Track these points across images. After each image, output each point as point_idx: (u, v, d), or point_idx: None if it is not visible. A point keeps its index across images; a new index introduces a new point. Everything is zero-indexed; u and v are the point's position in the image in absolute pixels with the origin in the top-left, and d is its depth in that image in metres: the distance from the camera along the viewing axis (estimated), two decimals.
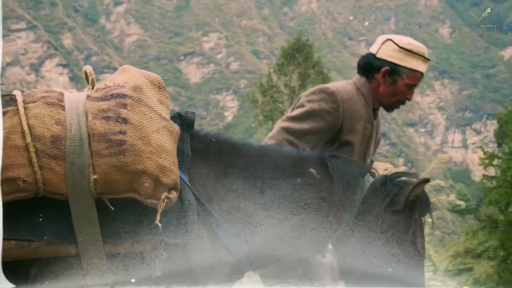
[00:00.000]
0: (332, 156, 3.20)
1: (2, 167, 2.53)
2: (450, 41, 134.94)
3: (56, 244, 2.70)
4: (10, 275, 2.55)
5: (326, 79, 33.52)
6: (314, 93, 3.82)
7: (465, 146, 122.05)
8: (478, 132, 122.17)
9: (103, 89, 2.83)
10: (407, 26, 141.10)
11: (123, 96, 2.78)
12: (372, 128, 3.93)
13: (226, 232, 2.93)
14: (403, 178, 3.13)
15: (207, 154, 3.01)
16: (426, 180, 3.11)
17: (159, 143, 2.73)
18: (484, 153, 32.25)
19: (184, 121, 3.00)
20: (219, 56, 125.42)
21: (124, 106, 2.75)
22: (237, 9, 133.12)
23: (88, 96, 2.80)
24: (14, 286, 2.58)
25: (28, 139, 2.65)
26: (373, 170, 3.26)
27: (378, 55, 3.91)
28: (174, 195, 2.74)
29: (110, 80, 2.92)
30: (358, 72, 3.99)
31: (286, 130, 3.72)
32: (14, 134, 2.66)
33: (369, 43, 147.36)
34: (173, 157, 2.76)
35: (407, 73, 3.83)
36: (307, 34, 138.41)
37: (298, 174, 3.11)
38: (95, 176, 2.67)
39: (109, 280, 2.79)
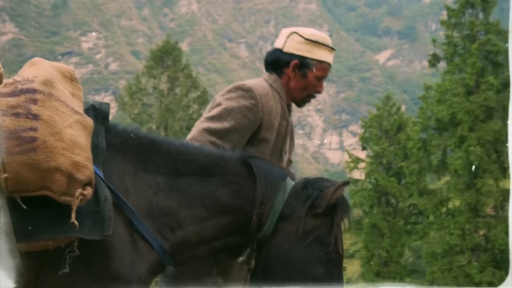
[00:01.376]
0: (254, 157, 3.18)
1: None
2: None
3: None
4: None
5: (195, 83, 33.45)
6: (230, 91, 3.68)
7: (342, 147, 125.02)
8: (354, 134, 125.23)
9: (11, 84, 2.67)
10: None
11: (33, 91, 2.65)
12: (287, 125, 3.81)
13: (145, 227, 2.86)
14: (323, 183, 3.11)
15: (125, 149, 2.92)
16: (346, 183, 3.10)
17: (72, 139, 2.63)
18: (350, 156, 33.00)
19: (98, 113, 2.87)
20: (98, 56, 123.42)
21: (35, 101, 2.62)
22: (116, 9, 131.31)
23: None
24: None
25: None
26: (293, 173, 3.23)
27: (285, 50, 3.80)
28: (89, 191, 2.65)
29: (19, 75, 2.75)
30: (267, 70, 3.88)
31: (207, 130, 3.57)
32: None
33: (249, 45, 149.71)
34: (87, 152, 2.67)
35: (316, 65, 3.75)
36: (187, 36, 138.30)
37: (220, 173, 3.08)
38: (6, 175, 2.53)
39: (24, 279, 2.68)
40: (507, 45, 26.57)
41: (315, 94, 3.85)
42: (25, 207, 2.60)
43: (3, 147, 2.57)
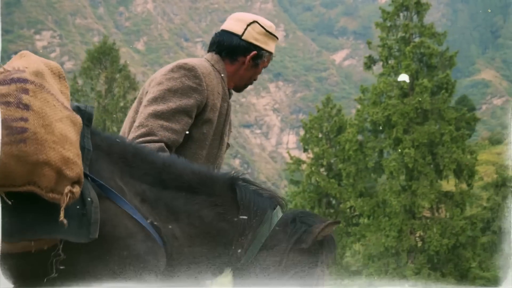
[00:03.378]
0: (244, 181, 3.07)
1: None
2: (284, 44, 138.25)
3: None
4: None
5: (133, 84, 33.21)
6: (172, 70, 3.53)
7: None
8: None
9: (1, 73, 2.51)
10: None
11: (24, 80, 2.50)
12: (228, 107, 3.73)
13: (148, 223, 2.75)
14: (312, 218, 3.03)
15: (111, 152, 2.79)
16: (337, 222, 3.04)
17: (62, 133, 2.49)
18: (291, 158, 32.97)
19: (83, 115, 2.70)
20: (52, 55, 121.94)
21: (26, 91, 2.47)
22: (71, 7, 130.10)
23: None
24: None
25: None
26: (283, 200, 3.13)
27: (244, 37, 3.71)
28: (77, 189, 2.51)
29: (8, 65, 2.57)
30: (212, 50, 3.76)
31: (153, 114, 3.44)
32: None
33: (206, 45, 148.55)
34: (77, 149, 2.54)
35: (267, 56, 3.74)
36: (143, 35, 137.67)
37: (206, 193, 2.97)
38: None
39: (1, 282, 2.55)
40: (440, 46, 26.81)
41: (253, 81, 3.84)
42: (10, 202, 2.42)
43: None
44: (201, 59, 3.74)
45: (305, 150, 32.98)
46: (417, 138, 26.31)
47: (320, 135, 32.23)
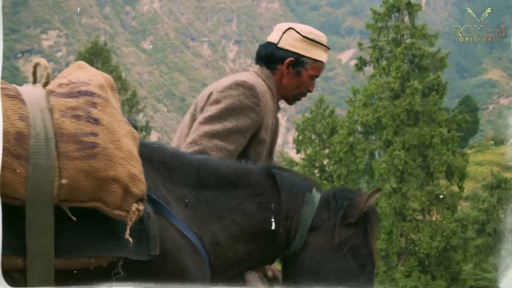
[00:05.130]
0: (277, 168, 3.06)
1: None
2: None
3: (4, 256, 2.34)
4: None
5: (124, 84, 33.12)
6: (230, 87, 3.45)
7: None
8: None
9: (67, 84, 2.50)
10: (249, 28, 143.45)
11: (92, 94, 2.48)
12: (277, 123, 3.65)
13: (194, 236, 2.72)
14: (349, 192, 3.06)
15: (151, 159, 2.74)
16: (378, 190, 3.03)
17: (129, 149, 2.47)
18: (284, 159, 32.92)
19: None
20: (58, 54, 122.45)
21: (94, 105, 2.45)
22: (77, 7, 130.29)
23: (50, 92, 2.47)
24: None
25: None
26: (318, 183, 3.12)
27: (280, 45, 3.60)
28: (142, 207, 2.47)
29: (66, 77, 2.57)
30: (258, 63, 3.68)
31: (208, 133, 3.37)
32: None
33: (212, 44, 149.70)
34: (140, 165, 2.50)
35: (311, 64, 3.59)
36: (149, 34, 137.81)
37: (244, 185, 2.94)
38: (64, 181, 2.33)
39: None
40: (432, 48, 26.67)
41: (306, 93, 3.72)
42: (74, 218, 2.39)
43: (61, 150, 2.36)
44: (253, 74, 3.64)
45: (298, 152, 32.92)
46: (408, 140, 26.21)
47: (313, 137, 32.16)
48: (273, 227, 2.94)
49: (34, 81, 2.66)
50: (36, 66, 2.65)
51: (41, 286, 2.44)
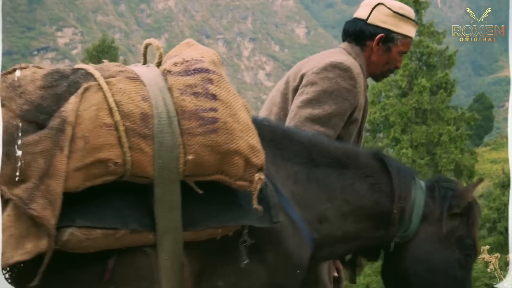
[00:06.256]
0: (381, 153, 3.11)
1: (93, 148, 2.32)
2: (305, 41, 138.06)
3: (138, 232, 2.44)
4: (83, 268, 2.39)
5: None
6: (326, 69, 3.40)
7: None
8: None
9: (182, 63, 2.57)
10: (264, 26, 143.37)
11: (207, 70, 2.54)
12: (366, 102, 3.60)
13: (297, 215, 2.76)
14: (450, 182, 3.10)
15: (262, 136, 2.68)
16: (481, 180, 3.11)
17: (245, 121, 2.53)
18: None
19: None
20: (74, 51, 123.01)
21: (210, 81, 2.52)
22: (93, 5, 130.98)
23: (167, 71, 2.54)
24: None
25: (117, 116, 2.37)
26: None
27: (369, 21, 3.54)
28: (263, 176, 2.54)
29: (177, 56, 2.64)
30: (346, 40, 3.60)
31: (309, 118, 3.34)
32: (102, 112, 2.36)
33: (227, 41, 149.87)
34: (257, 137, 2.55)
35: (401, 40, 3.54)
36: (164, 32, 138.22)
37: (355, 166, 2.97)
38: (190, 157, 2.42)
39: (186, 271, 2.57)
40: (439, 45, 26.51)
41: (394, 69, 3.67)
42: (201, 191, 2.48)
43: (184, 128, 2.44)
44: (341, 51, 3.58)
45: None
46: (416, 138, 26.10)
47: None
48: (386, 208, 2.96)
49: (145, 62, 2.71)
50: (146, 46, 2.71)
51: (171, 259, 2.54)
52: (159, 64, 2.62)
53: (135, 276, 2.53)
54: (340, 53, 3.54)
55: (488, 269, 4.99)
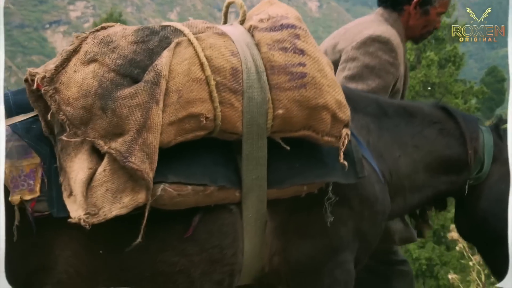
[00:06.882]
0: (444, 104, 3.17)
1: (186, 102, 2.34)
2: (318, 14, 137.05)
3: (226, 189, 2.48)
4: (162, 225, 2.39)
5: None
6: (365, 44, 3.44)
7: None
8: None
9: (268, 19, 2.59)
10: None
11: (293, 26, 2.56)
12: (406, 68, 3.61)
13: (375, 164, 2.80)
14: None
15: None
16: None
17: (332, 77, 2.55)
18: None
19: None
20: (86, 25, 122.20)
21: (297, 36, 2.54)
22: None
23: (253, 27, 2.58)
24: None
25: (208, 71, 2.40)
26: None
27: None
28: (349, 131, 2.57)
29: (260, 13, 2.67)
30: (382, 5, 3.61)
31: None
32: (194, 66, 2.39)
33: (239, 15, 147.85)
34: (343, 92, 2.58)
35: (439, 1, 3.54)
36: (176, 5, 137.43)
37: (421, 114, 3.04)
38: (280, 111, 2.44)
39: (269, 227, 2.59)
40: (448, 19, 26.36)
41: (433, 31, 3.67)
42: (288, 148, 2.51)
43: (273, 83, 2.46)
44: (378, 19, 3.55)
45: None
46: None
47: None
48: (456, 151, 3.01)
49: (225, 21, 2.79)
50: (228, 5, 2.78)
51: (255, 217, 2.56)
52: (242, 22, 2.66)
53: (218, 233, 2.55)
54: (377, 22, 3.54)
55: (457, 247, 5.12)
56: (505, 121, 3.12)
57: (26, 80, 2.42)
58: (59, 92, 2.32)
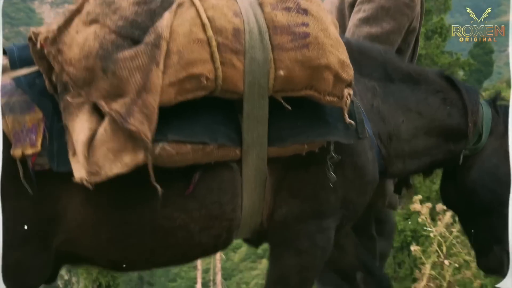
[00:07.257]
0: (448, 74, 3.17)
1: (186, 63, 2.34)
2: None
3: (226, 147, 2.50)
4: (164, 182, 2.36)
5: None
6: None
7: None
8: None
9: None
10: None
11: None
12: (422, 7, 3.53)
13: (370, 129, 2.80)
14: (504, 101, 3.16)
15: None
16: None
17: (336, 36, 2.53)
18: None
19: None
20: None
21: None
22: None
23: None
24: None
25: (210, 32, 2.38)
26: None
27: None
28: (352, 91, 2.57)
29: None
30: None
31: (368, 38, 3.30)
32: (196, 27, 2.38)
33: None
34: (346, 52, 2.56)
35: None
36: None
37: (425, 82, 3.04)
38: (282, 72, 2.44)
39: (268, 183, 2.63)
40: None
41: None
42: (289, 107, 2.50)
43: (275, 43, 2.45)
44: None
45: None
46: None
47: None
48: (457, 121, 3.03)
49: None
50: None
51: (254, 174, 2.59)
52: None
53: (217, 190, 2.58)
54: None
55: (419, 219, 5.16)
56: (503, 98, 3.20)
57: (30, 39, 2.41)
58: (62, 53, 2.32)
